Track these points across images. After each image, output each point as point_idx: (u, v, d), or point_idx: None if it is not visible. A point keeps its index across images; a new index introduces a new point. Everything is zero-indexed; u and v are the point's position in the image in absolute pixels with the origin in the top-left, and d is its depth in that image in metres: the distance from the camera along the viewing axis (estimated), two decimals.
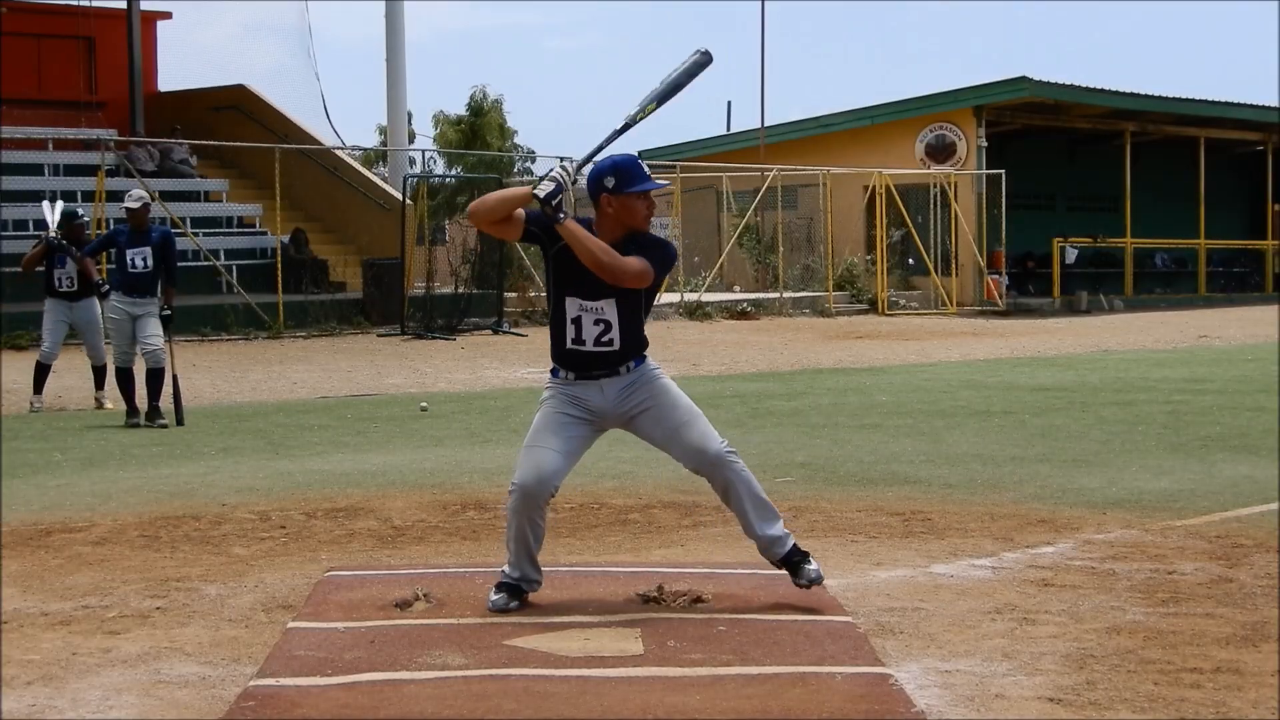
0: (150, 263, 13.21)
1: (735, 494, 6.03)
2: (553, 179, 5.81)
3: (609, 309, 5.93)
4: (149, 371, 13.14)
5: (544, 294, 30.89)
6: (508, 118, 44.24)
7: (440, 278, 28.69)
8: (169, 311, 13.30)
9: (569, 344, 5.98)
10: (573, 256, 5.87)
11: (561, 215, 5.82)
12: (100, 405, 14.53)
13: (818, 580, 6.05)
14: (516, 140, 44.71)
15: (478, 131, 42.41)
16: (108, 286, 13.53)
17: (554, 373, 6.09)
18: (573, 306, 5.96)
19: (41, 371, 14.89)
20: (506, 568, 6.05)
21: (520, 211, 5.88)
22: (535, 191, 5.81)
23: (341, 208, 30.57)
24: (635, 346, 6.02)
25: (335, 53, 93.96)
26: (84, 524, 8.14)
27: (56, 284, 14.46)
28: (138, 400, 13.24)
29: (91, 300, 14.48)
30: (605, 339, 5.95)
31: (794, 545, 6.09)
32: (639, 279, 5.87)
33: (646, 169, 5.99)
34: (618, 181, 5.91)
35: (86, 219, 14.87)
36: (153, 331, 13.15)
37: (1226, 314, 33.30)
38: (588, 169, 6.02)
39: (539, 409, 6.06)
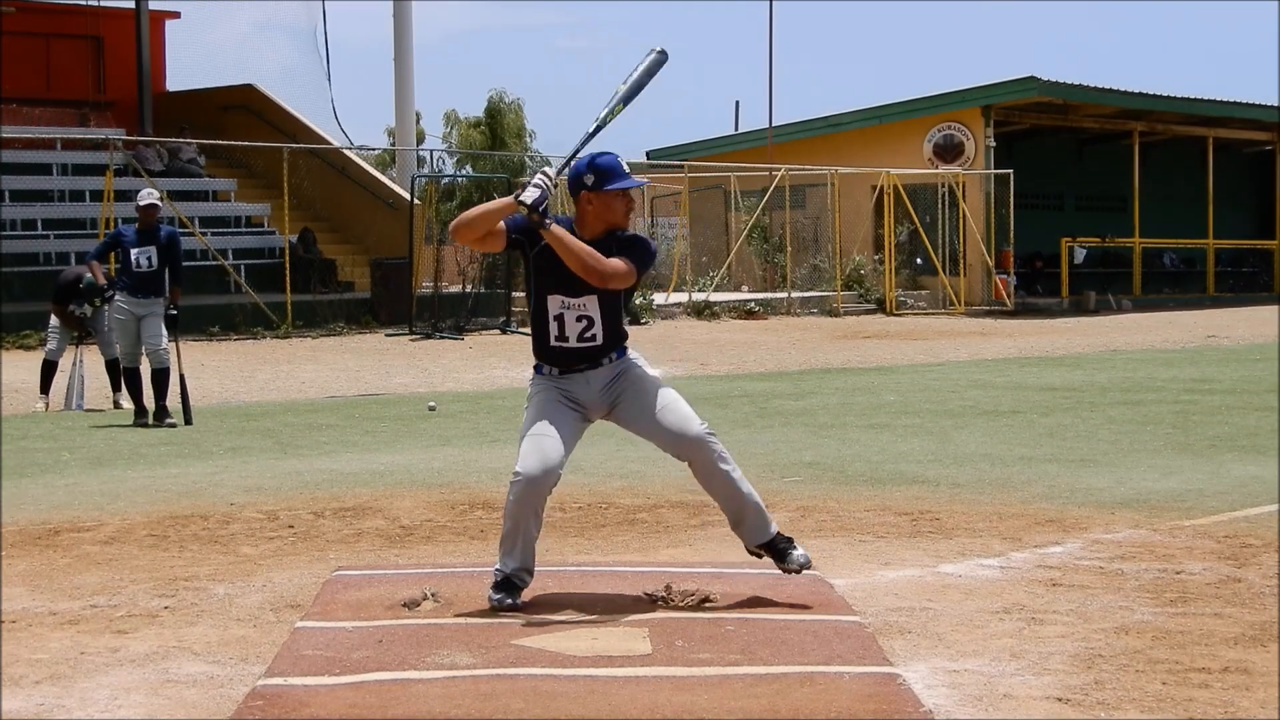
0: (155, 262, 13.17)
1: (718, 478, 6.04)
2: (537, 185, 5.86)
3: (591, 305, 6.00)
4: (154, 372, 13.13)
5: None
6: (526, 120, 44.15)
7: (448, 277, 28.71)
8: (175, 311, 13.29)
9: (552, 341, 6.04)
10: (554, 255, 5.92)
11: (548, 221, 5.87)
12: (117, 406, 14.53)
13: (806, 565, 6.12)
14: (535, 144, 44.58)
15: (496, 133, 42.37)
16: (112, 291, 13.46)
17: (538, 369, 6.14)
18: (555, 304, 6.02)
19: (48, 370, 14.90)
20: (503, 562, 6.00)
21: (502, 224, 5.94)
22: (521, 198, 5.84)
23: (349, 207, 30.59)
24: (616, 339, 6.10)
25: (344, 53, 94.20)
26: (92, 523, 8.15)
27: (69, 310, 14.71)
28: (145, 400, 13.24)
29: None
30: (588, 334, 6.02)
31: (778, 532, 6.15)
32: (624, 280, 5.95)
33: (626, 167, 6.04)
34: (596, 179, 5.98)
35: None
36: (157, 331, 13.13)
37: (1235, 314, 33.24)
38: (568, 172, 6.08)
39: (529, 403, 6.10)
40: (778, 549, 6.14)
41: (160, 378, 13.14)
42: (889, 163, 34.10)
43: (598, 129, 6.15)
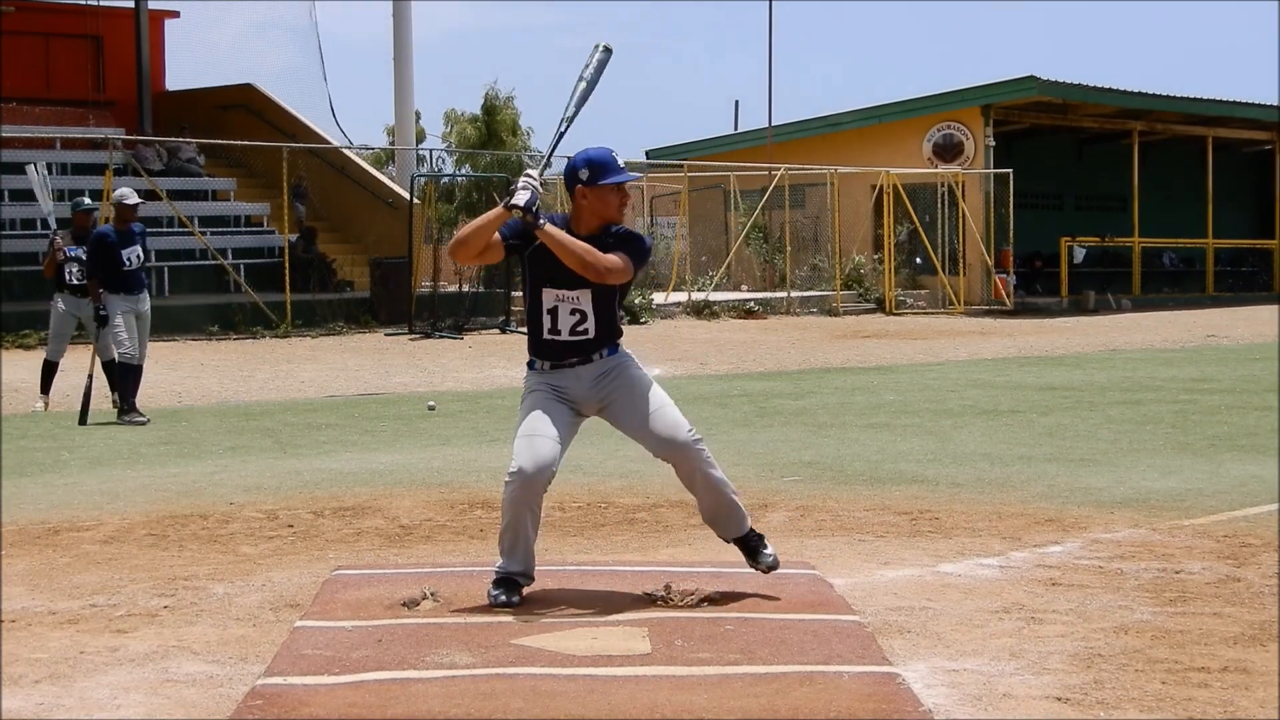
0: (141, 258, 13.61)
1: (700, 480, 6.18)
2: (524, 187, 5.93)
3: (584, 299, 6.07)
4: (112, 364, 13.65)
5: None
6: (521, 116, 44.00)
7: (447, 276, 28.70)
8: (105, 312, 13.61)
9: (545, 334, 6.12)
10: (548, 250, 5.97)
11: (542, 221, 5.95)
12: (116, 405, 14.51)
13: (774, 565, 6.24)
14: (531, 141, 44.47)
15: (493, 129, 42.28)
16: (105, 312, 13.52)
17: (531, 365, 6.22)
18: (549, 297, 6.09)
19: (49, 370, 14.87)
20: (503, 561, 6.06)
21: (497, 234, 6.01)
22: (513, 203, 5.91)
23: (349, 207, 30.59)
24: (610, 335, 6.16)
25: (343, 52, 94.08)
26: (92, 522, 8.15)
27: (67, 277, 14.49)
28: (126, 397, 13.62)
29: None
30: (581, 329, 6.09)
31: (751, 529, 6.27)
32: (620, 275, 6.03)
33: (621, 162, 6.12)
34: (591, 174, 6.05)
35: (95, 207, 15.03)
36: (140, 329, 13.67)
37: (1234, 313, 33.24)
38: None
39: (525, 400, 6.17)
40: (750, 545, 6.27)
41: (121, 371, 13.48)
42: (888, 162, 34.09)
43: (566, 128, 6.18)
